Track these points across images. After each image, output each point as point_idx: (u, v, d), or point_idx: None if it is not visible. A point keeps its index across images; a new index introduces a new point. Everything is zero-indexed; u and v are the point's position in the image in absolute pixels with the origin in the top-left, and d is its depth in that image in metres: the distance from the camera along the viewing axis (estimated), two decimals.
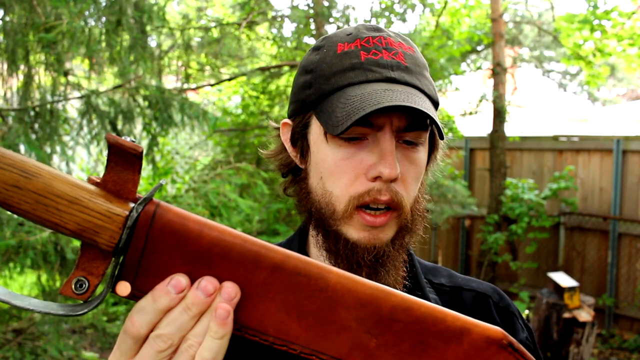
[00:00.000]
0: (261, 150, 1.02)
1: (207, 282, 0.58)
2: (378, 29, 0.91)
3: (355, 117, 0.79)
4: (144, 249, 0.58)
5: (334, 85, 0.87)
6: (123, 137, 0.57)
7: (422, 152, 0.89)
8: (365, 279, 0.63)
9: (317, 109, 0.88)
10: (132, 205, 0.59)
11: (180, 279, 0.58)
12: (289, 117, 0.95)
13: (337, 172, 0.86)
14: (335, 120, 0.82)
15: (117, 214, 0.57)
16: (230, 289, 0.59)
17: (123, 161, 0.58)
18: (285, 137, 0.95)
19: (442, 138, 0.84)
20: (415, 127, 0.85)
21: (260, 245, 0.60)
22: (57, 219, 0.56)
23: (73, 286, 0.58)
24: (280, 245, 0.82)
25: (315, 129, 0.89)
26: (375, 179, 0.83)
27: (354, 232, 0.85)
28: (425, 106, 0.82)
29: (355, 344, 0.61)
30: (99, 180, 0.59)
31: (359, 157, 0.85)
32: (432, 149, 0.94)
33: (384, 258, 0.86)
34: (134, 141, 0.58)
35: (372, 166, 0.83)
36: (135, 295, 0.59)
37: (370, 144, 0.85)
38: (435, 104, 0.91)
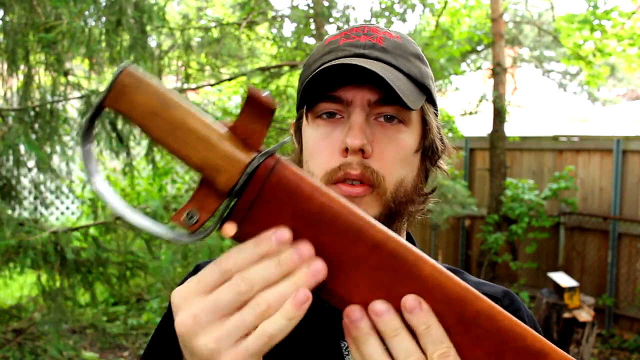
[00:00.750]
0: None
1: (304, 247, 0.59)
2: (369, 23, 0.93)
3: (304, 84, 0.84)
4: (257, 197, 0.60)
5: (312, 70, 0.89)
6: (263, 92, 0.60)
7: (406, 132, 0.88)
8: (458, 279, 0.62)
9: (301, 96, 0.91)
10: (254, 155, 0.60)
11: (285, 232, 0.59)
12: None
13: (316, 152, 0.88)
14: (300, 97, 0.87)
15: (239, 159, 0.59)
16: (320, 266, 0.59)
17: (256, 113, 0.60)
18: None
19: (408, 108, 0.82)
20: (389, 100, 0.84)
21: (365, 221, 0.61)
22: (184, 150, 0.59)
23: (185, 216, 0.60)
24: None
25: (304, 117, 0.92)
26: (345, 151, 0.84)
27: None
28: (383, 71, 0.81)
29: None
30: (230, 125, 0.61)
31: (334, 135, 0.86)
32: (427, 132, 0.92)
33: None
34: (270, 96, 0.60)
35: (342, 140, 0.85)
36: (239, 238, 0.61)
37: (345, 121, 0.86)
38: (421, 87, 0.89)
